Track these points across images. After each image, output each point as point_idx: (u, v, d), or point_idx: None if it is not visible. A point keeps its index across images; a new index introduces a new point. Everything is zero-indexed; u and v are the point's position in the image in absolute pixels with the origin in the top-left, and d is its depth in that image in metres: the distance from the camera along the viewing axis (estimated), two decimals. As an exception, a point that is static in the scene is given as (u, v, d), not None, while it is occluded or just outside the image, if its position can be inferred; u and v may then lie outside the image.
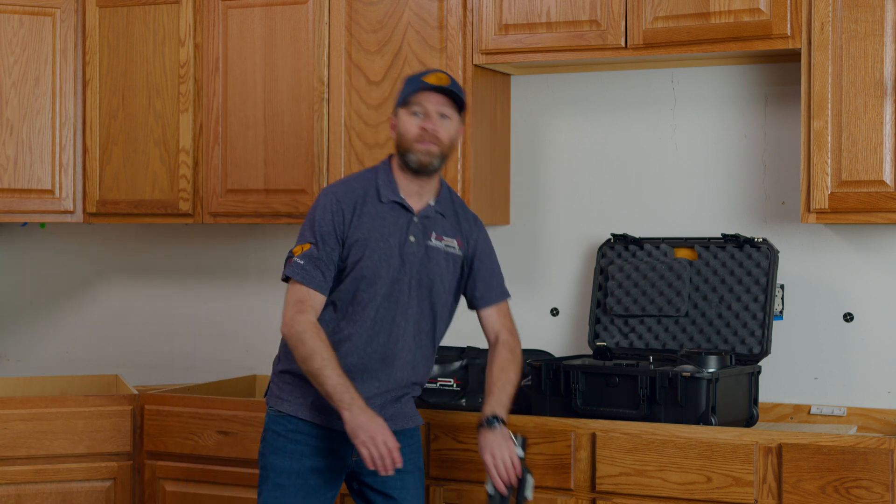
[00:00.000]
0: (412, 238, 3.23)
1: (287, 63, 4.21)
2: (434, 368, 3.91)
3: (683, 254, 3.95)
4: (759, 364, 3.73)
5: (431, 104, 3.20)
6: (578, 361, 3.76)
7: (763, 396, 3.87)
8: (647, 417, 3.53)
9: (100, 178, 4.48)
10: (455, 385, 3.90)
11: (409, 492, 3.30)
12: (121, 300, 4.92)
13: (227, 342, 4.73)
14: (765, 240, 3.81)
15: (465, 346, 3.96)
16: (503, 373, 3.30)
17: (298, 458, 3.21)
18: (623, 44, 3.77)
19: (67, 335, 5.00)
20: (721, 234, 3.88)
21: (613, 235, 4.03)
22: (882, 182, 3.47)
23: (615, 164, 4.13)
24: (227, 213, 4.31)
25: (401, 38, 4.04)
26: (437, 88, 3.20)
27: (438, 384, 3.90)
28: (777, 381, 3.89)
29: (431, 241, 3.26)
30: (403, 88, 3.24)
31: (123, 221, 4.49)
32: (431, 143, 3.19)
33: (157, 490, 4.09)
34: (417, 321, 3.26)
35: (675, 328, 3.86)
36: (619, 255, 4.01)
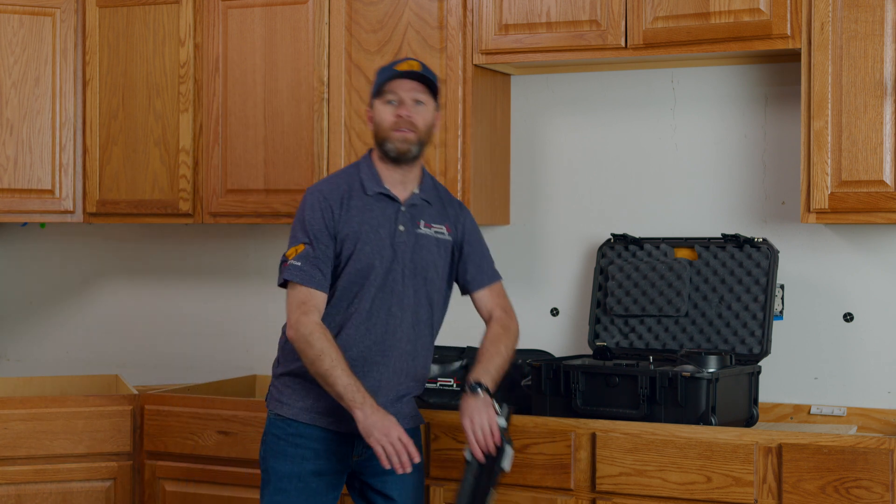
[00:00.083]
0: (401, 227, 3.24)
1: (287, 63, 4.21)
2: (434, 368, 3.91)
3: (683, 254, 3.95)
4: (759, 364, 3.73)
5: (405, 91, 3.21)
6: (578, 361, 3.76)
7: (763, 396, 3.87)
8: (647, 417, 3.53)
9: (100, 178, 4.48)
10: (455, 385, 3.90)
11: (409, 493, 3.30)
12: (121, 300, 4.92)
13: (227, 342, 4.73)
14: (765, 240, 3.81)
15: (465, 346, 3.97)
16: (493, 345, 3.28)
17: (300, 462, 3.21)
18: (623, 44, 3.77)
19: (67, 335, 5.00)
20: (721, 234, 3.88)
21: (613, 235, 4.03)
22: (882, 182, 3.47)
23: (615, 164, 4.13)
24: (227, 213, 4.31)
25: (401, 38, 4.04)
26: (409, 74, 3.21)
27: (438, 384, 3.91)
28: (777, 381, 3.89)
29: (421, 229, 3.27)
30: (376, 79, 3.26)
31: (123, 221, 4.49)
32: (408, 131, 3.20)
33: (157, 490, 4.09)
34: (414, 310, 3.25)
35: (675, 328, 3.86)
36: (619, 255, 4.01)
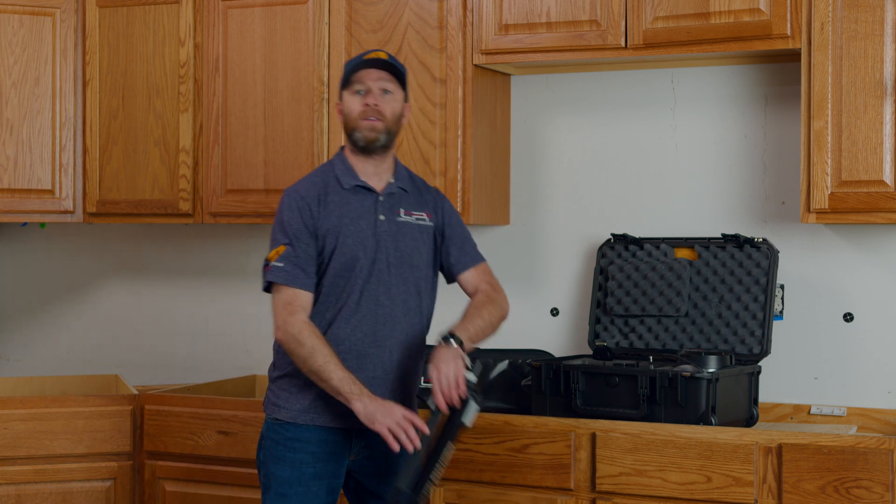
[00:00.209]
0: (382, 217, 3.24)
1: (287, 63, 4.21)
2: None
3: (683, 254, 3.95)
4: (759, 364, 3.73)
5: (372, 80, 3.22)
6: (578, 361, 3.76)
7: (763, 396, 3.87)
8: (647, 417, 3.53)
9: (100, 178, 4.49)
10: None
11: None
12: (121, 300, 4.92)
13: (227, 342, 4.73)
14: (765, 240, 3.81)
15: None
16: (475, 309, 3.27)
17: (299, 467, 3.20)
18: (623, 44, 3.77)
19: (67, 335, 5.00)
20: (721, 234, 3.88)
21: (613, 235, 4.03)
22: (882, 182, 3.47)
23: (615, 164, 4.13)
24: (227, 213, 4.31)
25: (401, 38, 4.04)
26: (376, 62, 3.22)
27: (438, 384, 3.90)
28: (777, 381, 3.89)
29: (401, 217, 3.27)
30: (344, 71, 3.27)
31: (123, 221, 4.49)
32: (376, 119, 3.21)
33: (157, 490, 4.09)
34: (404, 300, 3.24)
35: (675, 328, 3.86)
36: (619, 255, 4.01)
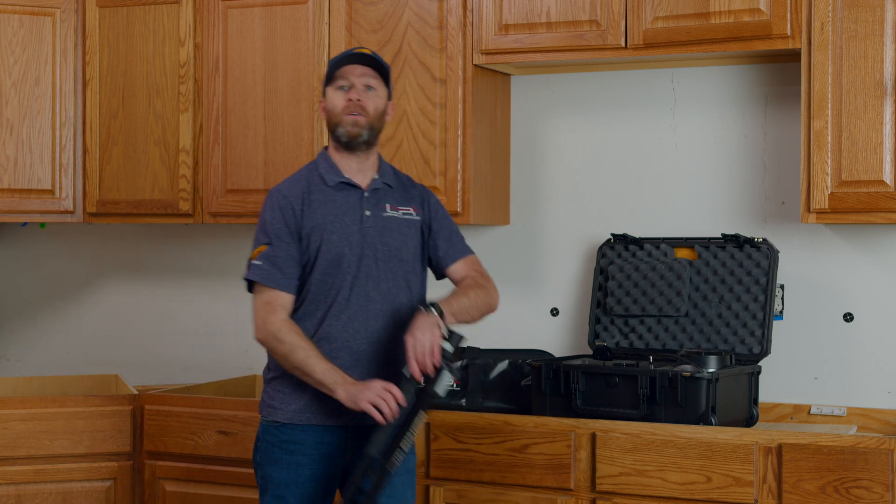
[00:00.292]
0: (367, 212, 3.24)
1: (287, 63, 4.21)
2: (434, 368, 3.91)
3: (683, 254, 3.95)
4: (759, 364, 3.73)
5: (355, 76, 3.23)
6: (578, 361, 3.76)
7: (763, 396, 3.87)
8: (647, 417, 3.53)
9: (100, 178, 4.49)
10: (455, 385, 3.90)
11: (396, 497, 3.23)
12: (121, 300, 4.92)
13: (227, 342, 4.73)
14: (765, 240, 3.81)
15: (466, 346, 3.96)
16: (462, 289, 3.28)
17: (296, 469, 3.19)
18: (623, 44, 3.77)
19: (67, 335, 5.00)
20: (721, 234, 3.88)
21: (613, 235, 4.03)
22: (882, 182, 3.47)
23: (615, 164, 4.13)
24: (227, 213, 4.31)
25: (401, 38, 4.04)
26: (359, 57, 3.23)
27: (438, 384, 3.90)
28: (777, 381, 3.89)
29: (388, 212, 3.27)
30: (327, 68, 3.27)
31: (123, 221, 4.49)
32: (359, 115, 3.21)
33: (157, 490, 4.09)
34: (394, 294, 3.24)
35: (675, 328, 3.86)
36: (619, 255, 4.01)
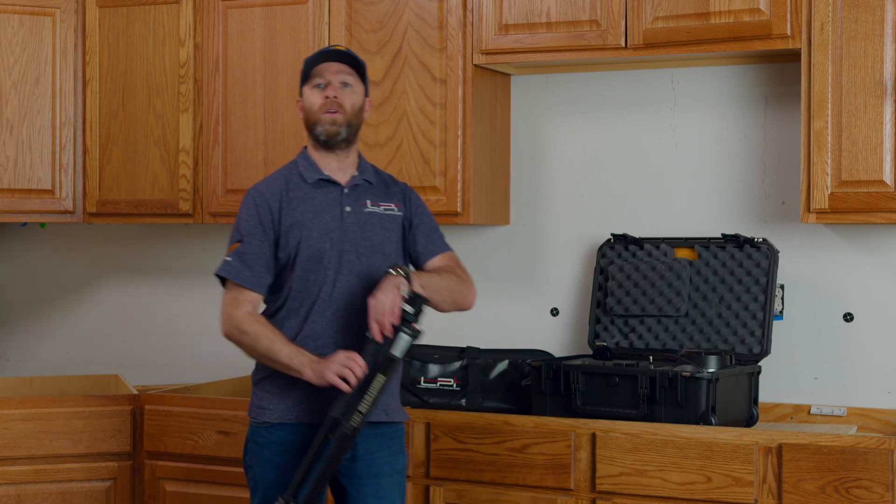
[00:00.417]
0: (348, 208, 3.23)
1: (287, 63, 4.21)
2: (434, 368, 3.91)
3: (683, 254, 3.95)
4: (759, 364, 3.73)
5: (331, 73, 3.23)
6: (578, 361, 3.76)
7: (763, 396, 3.87)
8: (647, 417, 3.53)
9: (100, 178, 4.49)
10: (455, 385, 3.90)
11: (385, 498, 3.22)
12: (121, 300, 4.92)
13: (227, 342, 4.70)
14: (765, 240, 3.81)
15: (465, 346, 3.97)
16: (436, 271, 3.25)
17: (285, 471, 3.17)
18: (623, 44, 3.77)
19: (67, 335, 5.00)
20: (721, 234, 3.88)
21: (613, 235, 4.03)
22: (882, 182, 3.47)
23: (615, 164, 4.13)
24: (227, 213, 4.30)
25: (401, 38, 4.04)
26: (334, 54, 3.23)
27: (438, 384, 3.90)
28: (777, 381, 3.89)
29: (368, 208, 3.26)
30: (303, 67, 3.27)
31: (123, 221, 4.49)
32: (336, 112, 3.21)
33: (157, 490, 4.09)
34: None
35: (675, 328, 3.86)
36: (619, 255, 4.01)
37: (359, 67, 3.26)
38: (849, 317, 3.84)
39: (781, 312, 3.86)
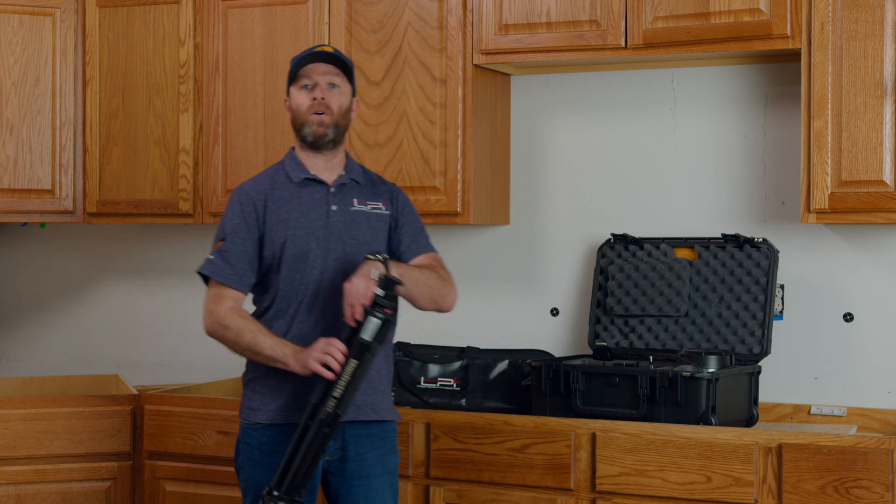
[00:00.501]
0: (334, 207, 3.23)
1: (287, 63, 4.19)
2: (434, 368, 3.91)
3: (683, 254, 3.94)
4: (759, 364, 3.73)
5: (319, 74, 3.22)
6: (578, 361, 3.76)
7: (763, 396, 3.87)
8: (647, 417, 3.53)
9: (100, 178, 4.49)
10: (455, 385, 3.90)
11: (376, 499, 3.22)
12: (121, 300, 4.92)
13: (227, 342, 4.72)
14: (765, 240, 3.81)
15: (465, 346, 3.96)
16: (417, 265, 3.23)
17: (276, 471, 3.15)
18: (623, 44, 3.77)
19: (67, 335, 4.99)
20: (721, 234, 3.88)
21: (613, 235, 4.03)
22: (882, 182, 3.47)
23: (615, 164, 4.13)
24: (227, 213, 4.30)
25: (401, 38, 4.04)
26: (321, 55, 3.22)
27: (438, 384, 3.90)
28: (777, 381, 3.89)
29: (355, 206, 3.26)
30: (290, 67, 3.27)
31: (123, 221, 4.49)
32: (324, 114, 3.21)
33: (157, 490, 4.09)
34: None
35: (675, 328, 3.86)
36: (619, 255, 4.01)
37: (346, 68, 3.26)
38: (849, 317, 3.84)
39: (781, 312, 3.86)
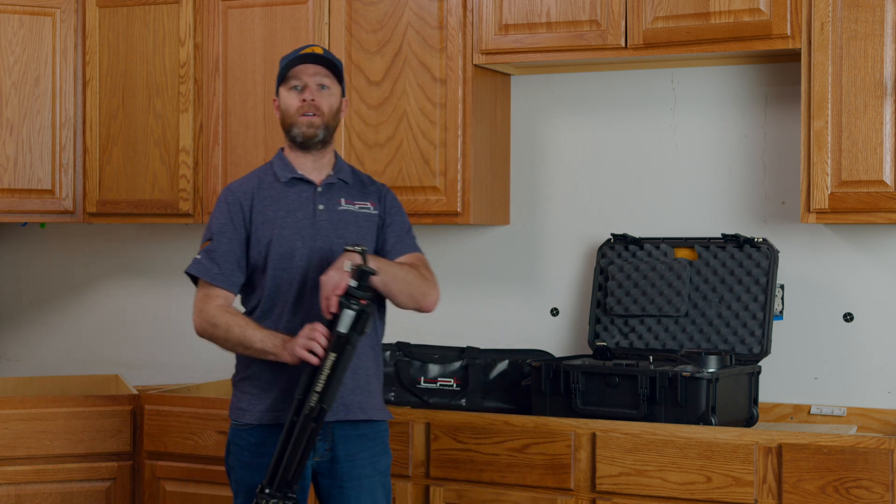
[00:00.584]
0: (321, 206, 3.23)
1: (287, 63, 4.21)
2: (434, 368, 3.91)
3: (683, 254, 3.94)
4: (759, 364, 3.73)
5: (309, 76, 3.22)
6: (578, 361, 3.76)
7: (763, 396, 3.87)
8: (647, 417, 3.53)
9: (100, 178, 4.49)
10: (455, 385, 3.90)
11: (367, 499, 3.21)
12: (121, 300, 4.92)
13: (227, 342, 4.72)
14: (765, 240, 3.81)
15: (466, 346, 3.96)
16: (398, 262, 3.22)
17: (265, 472, 3.13)
18: (623, 44, 3.77)
19: (67, 335, 4.99)
20: (721, 234, 3.88)
21: (613, 235, 4.03)
22: (882, 182, 3.47)
23: (615, 164, 4.13)
24: (227, 213, 4.30)
25: (401, 38, 4.04)
26: (311, 57, 3.22)
27: (438, 384, 3.90)
28: (777, 381, 3.89)
29: (343, 206, 3.26)
30: (280, 68, 3.26)
31: (123, 221, 4.49)
32: (313, 115, 3.21)
33: (157, 490, 4.09)
34: None
35: (675, 328, 3.86)
36: (619, 255, 4.01)
37: (335, 69, 3.25)
38: (849, 317, 3.84)
39: (781, 312, 3.86)
